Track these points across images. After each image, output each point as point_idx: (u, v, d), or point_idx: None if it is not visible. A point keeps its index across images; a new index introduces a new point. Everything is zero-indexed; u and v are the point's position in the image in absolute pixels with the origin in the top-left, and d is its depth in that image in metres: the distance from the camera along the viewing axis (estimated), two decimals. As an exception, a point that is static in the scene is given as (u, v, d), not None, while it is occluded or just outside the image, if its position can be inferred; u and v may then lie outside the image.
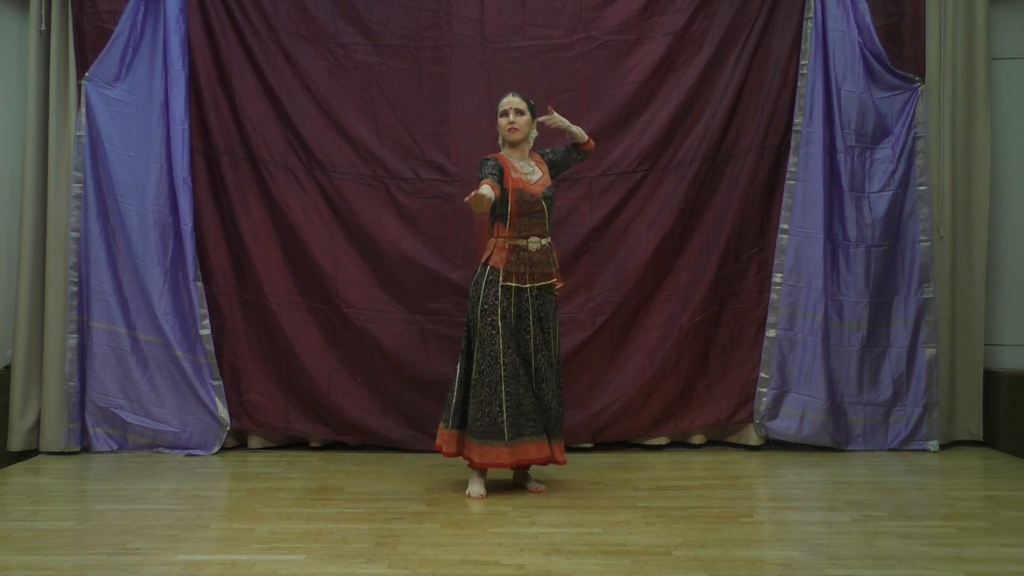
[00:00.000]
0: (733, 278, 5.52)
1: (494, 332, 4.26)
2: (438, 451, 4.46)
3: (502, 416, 4.24)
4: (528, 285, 4.32)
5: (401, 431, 5.44)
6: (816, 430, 5.34)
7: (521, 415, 4.27)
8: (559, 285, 4.47)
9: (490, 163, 4.30)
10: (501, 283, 4.29)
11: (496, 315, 4.27)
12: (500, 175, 4.26)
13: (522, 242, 4.31)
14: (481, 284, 4.33)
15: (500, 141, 4.50)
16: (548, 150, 4.57)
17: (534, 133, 4.48)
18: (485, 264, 4.35)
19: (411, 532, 3.76)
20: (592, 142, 4.61)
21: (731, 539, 3.65)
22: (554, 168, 4.53)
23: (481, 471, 4.40)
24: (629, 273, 5.45)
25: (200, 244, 5.44)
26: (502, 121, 4.43)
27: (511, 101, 4.43)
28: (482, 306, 4.30)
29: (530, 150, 4.50)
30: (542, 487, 4.45)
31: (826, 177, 5.38)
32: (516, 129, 4.39)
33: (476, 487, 4.37)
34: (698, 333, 5.48)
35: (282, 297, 5.47)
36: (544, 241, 4.37)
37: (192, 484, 4.69)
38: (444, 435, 4.42)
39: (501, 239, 4.32)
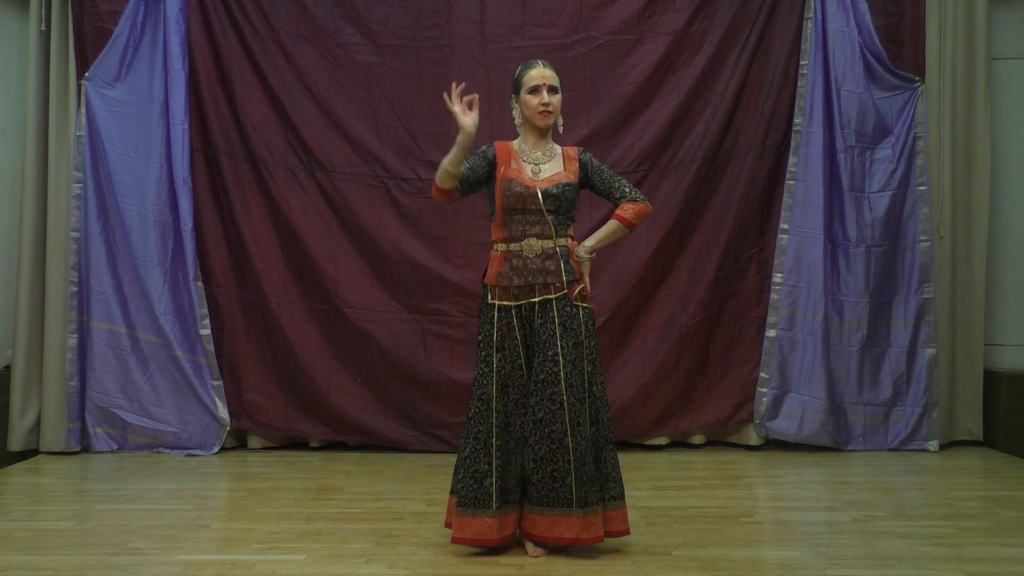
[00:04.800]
0: (733, 278, 5.52)
1: (488, 371, 3.42)
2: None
3: (491, 478, 3.38)
4: (513, 303, 3.43)
5: (401, 431, 5.44)
6: (816, 430, 5.34)
7: (509, 477, 3.42)
8: (576, 290, 3.45)
9: (480, 150, 3.52)
10: (488, 302, 3.47)
11: (491, 348, 3.43)
12: (487, 167, 3.48)
13: (515, 246, 3.45)
14: (480, 310, 3.55)
15: (518, 122, 3.56)
16: (592, 158, 3.58)
17: (560, 118, 3.56)
18: (483, 284, 3.56)
19: (411, 532, 3.76)
20: (630, 221, 3.53)
21: (731, 539, 3.65)
22: (587, 182, 3.58)
23: None
24: (629, 273, 5.45)
25: (200, 244, 5.44)
26: (531, 100, 3.45)
27: (543, 74, 3.45)
28: (478, 336, 3.52)
29: (556, 136, 3.64)
30: (539, 551, 3.44)
31: (826, 177, 5.38)
32: (550, 112, 3.46)
33: (531, 544, 3.47)
34: (698, 333, 5.48)
35: (282, 297, 5.47)
36: (548, 244, 3.44)
37: (192, 484, 4.69)
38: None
39: (495, 246, 3.51)
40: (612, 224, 3.55)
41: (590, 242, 3.55)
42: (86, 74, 5.34)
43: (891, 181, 5.41)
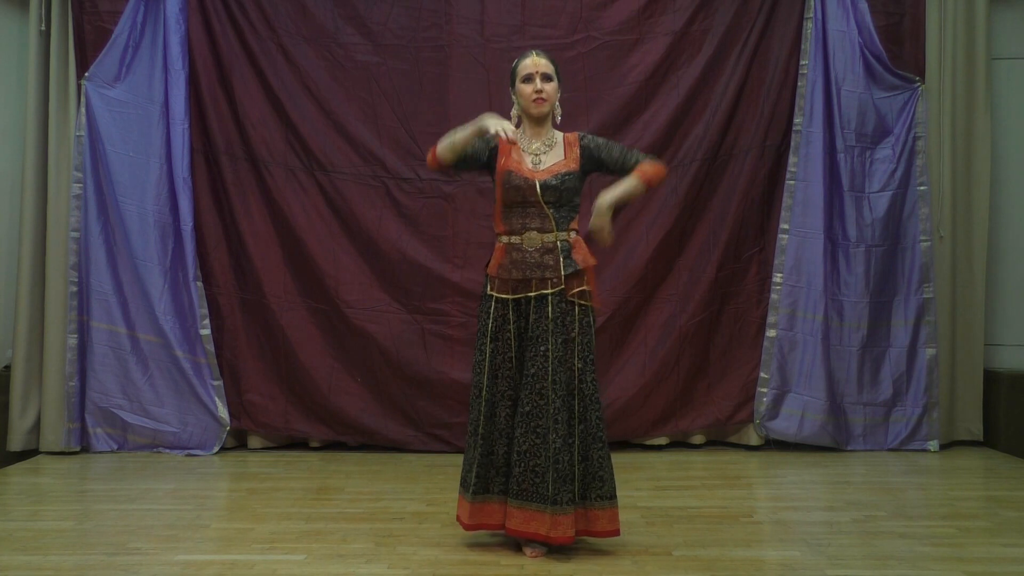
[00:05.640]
0: (733, 278, 5.52)
1: (482, 359, 3.46)
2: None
3: (475, 464, 3.44)
4: (511, 296, 3.43)
5: (401, 431, 5.44)
6: (816, 430, 5.34)
7: (491, 467, 3.45)
8: (580, 291, 3.42)
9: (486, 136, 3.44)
10: (487, 292, 3.51)
11: (486, 337, 3.45)
12: (486, 151, 3.48)
13: (516, 239, 3.44)
14: (481, 297, 3.58)
15: (514, 112, 3.54)
16: (595, 138, 3.56)
17: (558, 108, 3.55)
18: (485, 275, 3.58)
19: (411, 532, 3.76)
20: (650, 178, 3.44)
21: (731, 539, 3.65)
22: (595, 164, 3.52)
23: None
24: (629, 273, 5.45)
25: (200, 244, 5.44)
26: (525, 89, 3.44)
27: (536, 62, 3.45)
28: (478, 326, 3.55)
29: (556, 126, 3.60)
30: (538, 551, 3.42)
31: (826, 177, 5.38)
32: (544, 99, 3.44)
33: (528, 546, 3.46)
34: (698, 333, 5.47)
35: (282, 297, 5.48)
36: (549, 238, 3.41)
37: (192, 484, 4.69)
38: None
39: (499, 239, 3.51)
40: (633, 179, 3.42)
41: (611, 196, 3.38)
42: (86, 74, 5.34)
43: (891, 181, 5.41)
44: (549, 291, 3.40)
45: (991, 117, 5.47)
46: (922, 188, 5.41)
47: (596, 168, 3.54)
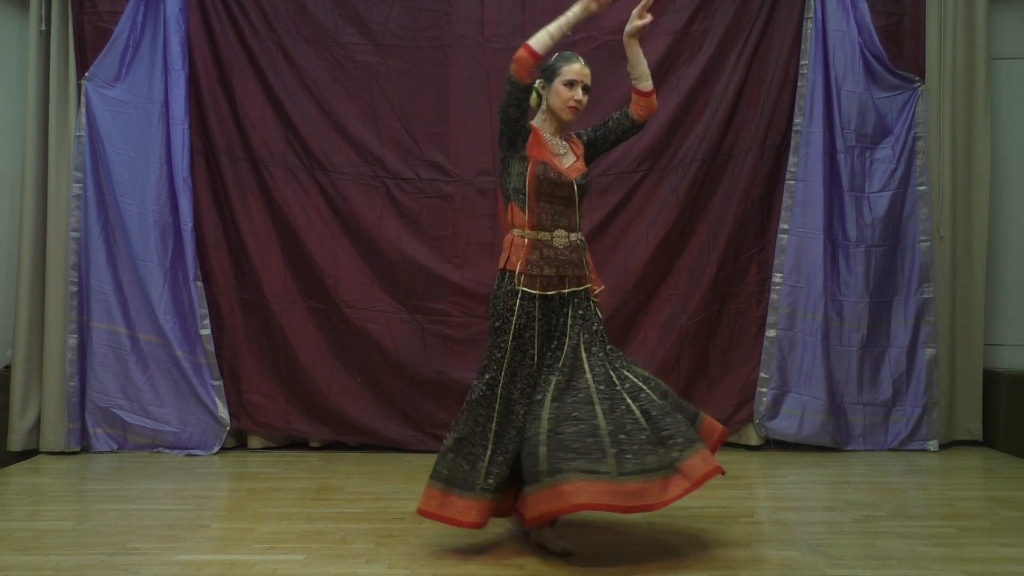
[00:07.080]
0: (733, 278, 5.52)
1: (500, 356, 3.37)
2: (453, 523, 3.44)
3: (483, 462, 3.39)
4: (539, 292, 3.38)
5: (401, 431, 5.44)
6: (816, 430, 5.34)
7: (506, 465, 3.40)
8: (597, 290, 3.54)
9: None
10: (514, 288, 3.38)
11: (507, 334, 3.36)
12: (524, 125, 3.44)
13: (545, 236, 3.40)
14: (498, 296, 3.43)
15: (543, 108, 3.53)
16: (584, 130, 3.65)
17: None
18: (502, 270, 3.45)
19: (411, 532, 3.76)
20: (652, 97, 3.49)
21: (731, 539, 3.65)
22: (592, 148, 3.60)
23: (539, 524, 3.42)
24: (629, 273, 5.45)
25: (200, 244, 5.45)
26: (565, 92, 3.45)
27: (582, 71, 3.49)
28: (493, 323, 3.43)
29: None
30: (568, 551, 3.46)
31: (826, 177, 5.38)
32: (578, 109, 3.48)
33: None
34: (698, 333, 5.48)
35: (282, 297, 5.48)
36: (575, 237, 3.45)
37: (192, 484, 4.69)
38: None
39: (519, 232, 3.43)
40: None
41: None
42: (86, 74, 5.34)
43: (891, 181, 5.42)
44: (580, 288, 3.46)
45: (991, 117, 5.48)
46: (922, 188, 5.41)
47: (596, 153, 3.63)
